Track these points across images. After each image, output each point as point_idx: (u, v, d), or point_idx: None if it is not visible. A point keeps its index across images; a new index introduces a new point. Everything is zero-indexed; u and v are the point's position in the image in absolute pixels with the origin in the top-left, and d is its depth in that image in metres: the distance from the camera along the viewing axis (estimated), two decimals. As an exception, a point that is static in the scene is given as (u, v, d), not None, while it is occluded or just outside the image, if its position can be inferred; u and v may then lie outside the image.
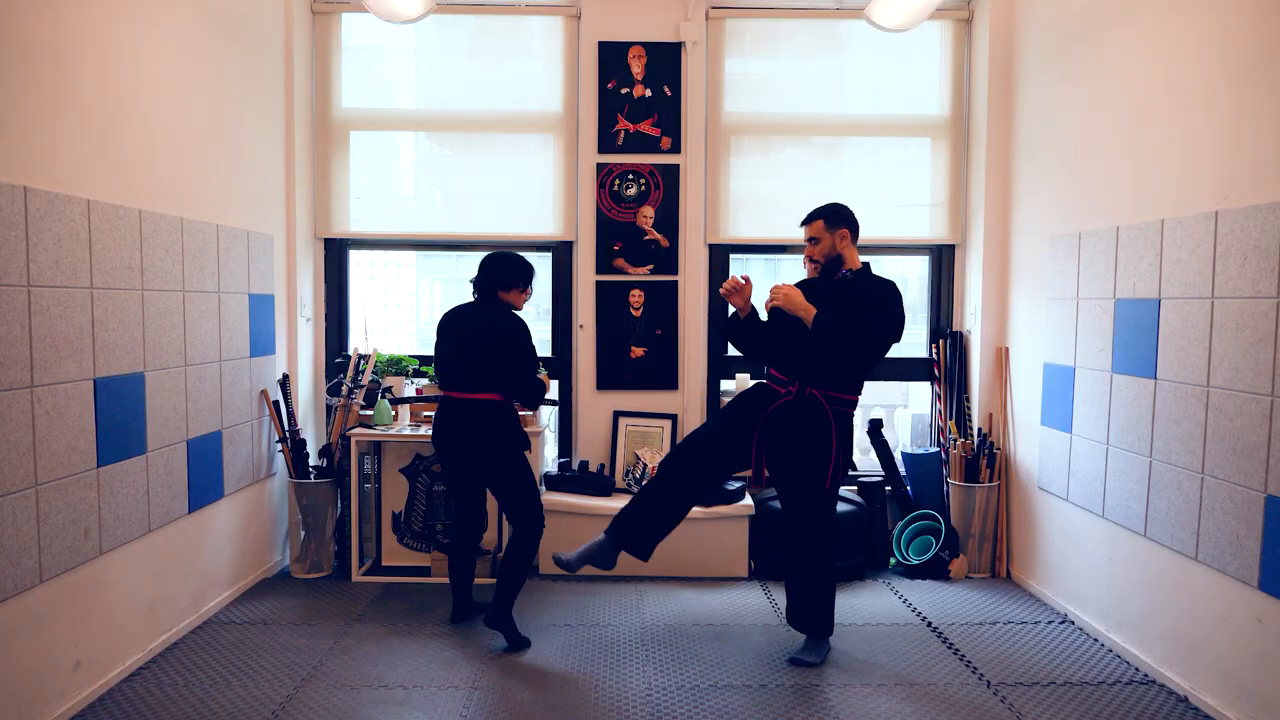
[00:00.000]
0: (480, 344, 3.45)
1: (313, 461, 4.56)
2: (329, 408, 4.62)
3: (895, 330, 3.27)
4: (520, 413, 3.77)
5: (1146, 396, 3.31)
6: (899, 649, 3.53)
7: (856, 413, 3.47)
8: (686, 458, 3.42)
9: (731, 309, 3.48)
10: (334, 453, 4.47)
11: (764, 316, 3.48)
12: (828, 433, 3.27)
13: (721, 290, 3.41)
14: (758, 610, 3.95)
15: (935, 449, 4.78)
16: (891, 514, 4.74)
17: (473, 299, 3.60)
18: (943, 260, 4.90)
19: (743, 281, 3.39)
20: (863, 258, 3.46)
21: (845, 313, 3.22)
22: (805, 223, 3.43)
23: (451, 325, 3.56)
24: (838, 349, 3.20)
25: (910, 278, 5.28)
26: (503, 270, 3.53)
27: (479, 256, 3.55)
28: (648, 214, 4.73)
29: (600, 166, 4.71)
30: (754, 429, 3.35)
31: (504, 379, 3.47)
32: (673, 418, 4.74)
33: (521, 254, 3.60)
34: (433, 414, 4.51)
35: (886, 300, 3.27)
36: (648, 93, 4.70)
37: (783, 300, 3.25)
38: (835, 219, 3.38)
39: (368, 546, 4.56)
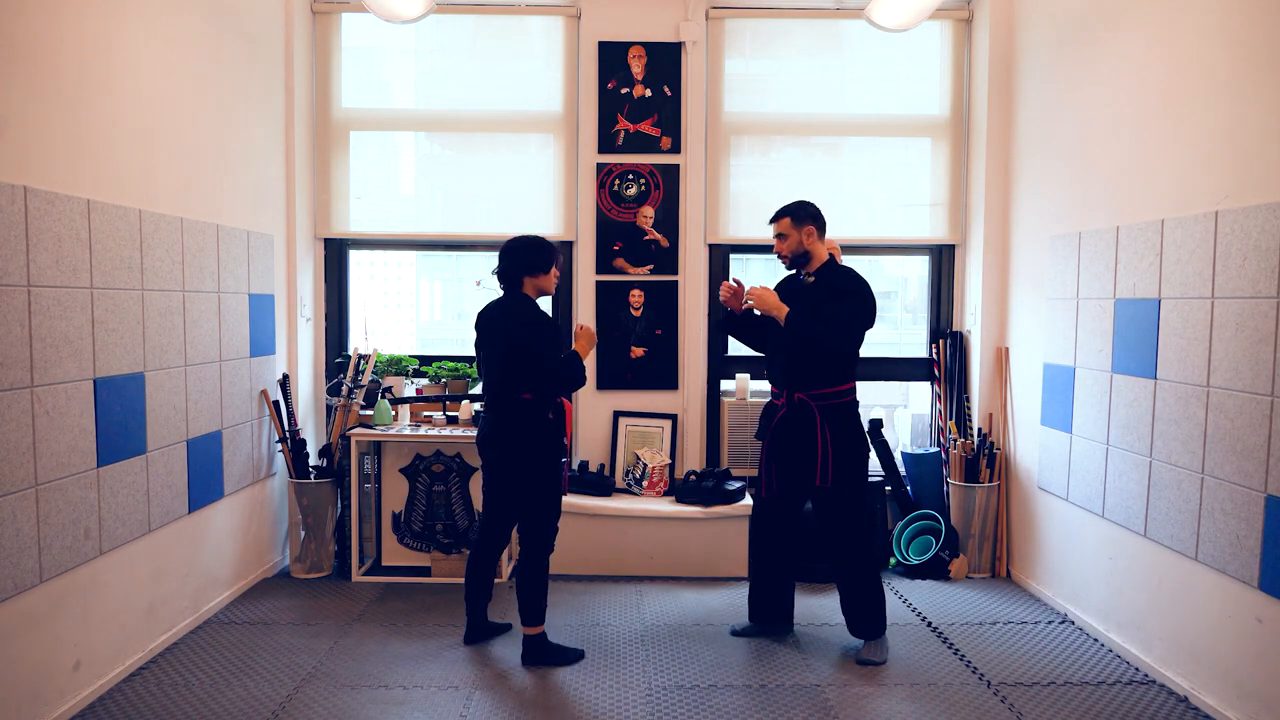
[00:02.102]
0: (501, 350, 3.28)
1: (313, 461, 4.56)
2: (329, 408, 4.62)
3: (863, 315, 3.34)
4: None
5: (1146, 396, 3.31)
6: (899, 649, 3.53)
7: (853, 402, 3.47)
8: (758, 529, 3.66)
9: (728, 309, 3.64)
10: (334, 453, 4.47)
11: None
12: (813, 434, 3.34)
13: (721, 299, 3.60)
14: (758, 610, 3.95)
15: (935, 449, 4.78)
16: (891, 514, 4.74)
17: (501, 293, 3.41)
18: (943, 260, 4.89)
19: (735, 285, 3.56)
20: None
21: (814, 307, 3.32)
22: (772, 221, 3.50)
23: (481, 327, 3.39)
24: (811, 344, 3.31)
25: (910, 278, 5.28)
26: (522, 254, 3.33)
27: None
28: (648, 214, 4.73)
29: (600, 166, 4.71)
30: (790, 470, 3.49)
31: (528, 381, 3.27)
32: (673, 418, 4.74)
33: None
34: (433, 414, 4.53)
35: (850, 288, 3.34)
36: (648, 93, 4.70)
37: (756, 300, 3.43)
38: (800, 216, 3.43)
39: (368, 546, 4.56)
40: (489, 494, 3.47)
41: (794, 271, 3.55)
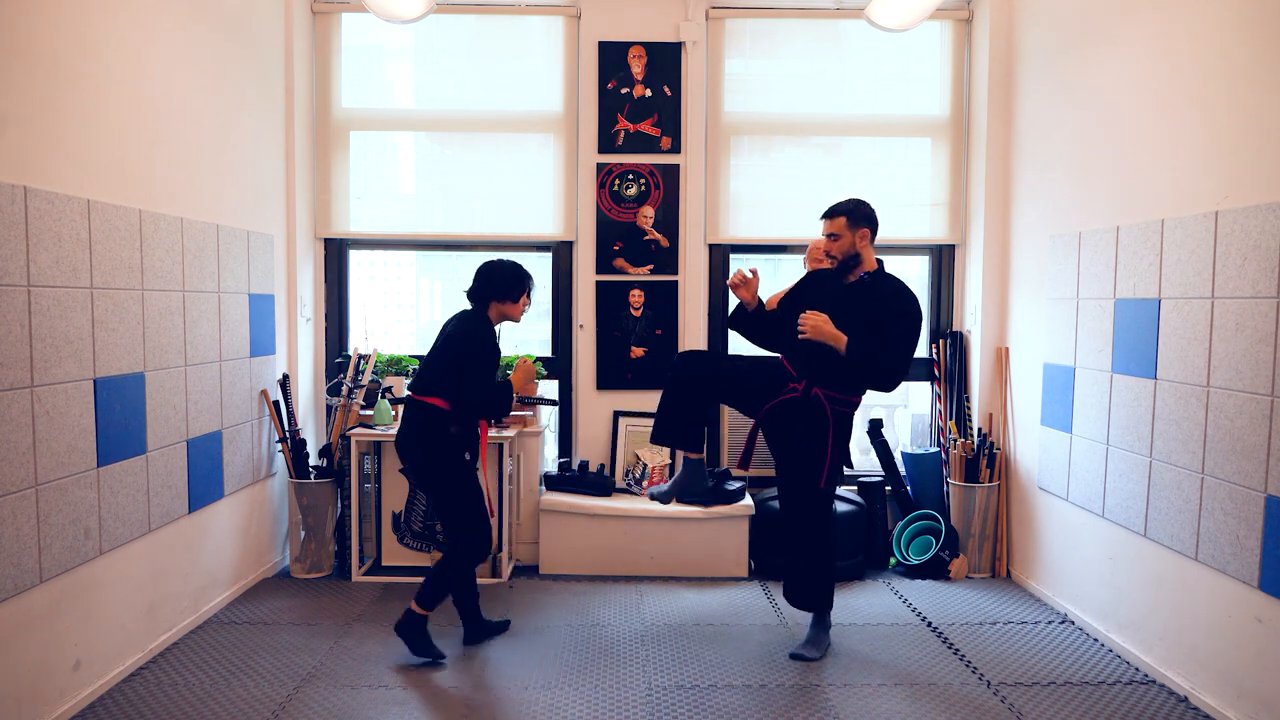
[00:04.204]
0: (438, 349, 3.38)
1: (313, 461, 4.56)
2: (329, 408, 4.62)
3: (915, 343, 3.30)
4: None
5: (1146, 396, 3.31)
6: (899, 649, 3.53)
7: (856, 413, 3.48)
8: (701, 382, 3.51)
9: (736, 301, 3.57)
10: (334, 453, 4.47)
11: (768, 306, 3.58)
12: (824, 435, 3.32)
13: (728, 283, 3.52)
14: (758, 610, 3.95)
15: (935, 449, 4.78)
16: (891, 514, 4.74)
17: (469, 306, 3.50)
18: (943, 260, 4.90)
19: (749, 275, 3.49)
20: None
21: (866, 327, 3.22)
22: (827, 216, 3.35)
23: (441, 332, 3.48)
24: (864, 368, 3.24)
25: (910, 278, 5.28)
26: (497, 280, 3.38)
27: (479, 256, 3.51)
28: (648, 214, 4.73)
29: (600, 166, 4.71)
30: (760, 407, 3.42)
31: (448, 385, 3.30)
32: (673, 418, 4.74)
33: (517, 260, 3.48)
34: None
35: (906, 312, 3.26)
36: (648, 93, 4.70)
37: (811, 331, 3.23)
38: (857, 217, 3.32)
39: (368, 546, 4.56)
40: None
41: (831, 269, 3.40)
